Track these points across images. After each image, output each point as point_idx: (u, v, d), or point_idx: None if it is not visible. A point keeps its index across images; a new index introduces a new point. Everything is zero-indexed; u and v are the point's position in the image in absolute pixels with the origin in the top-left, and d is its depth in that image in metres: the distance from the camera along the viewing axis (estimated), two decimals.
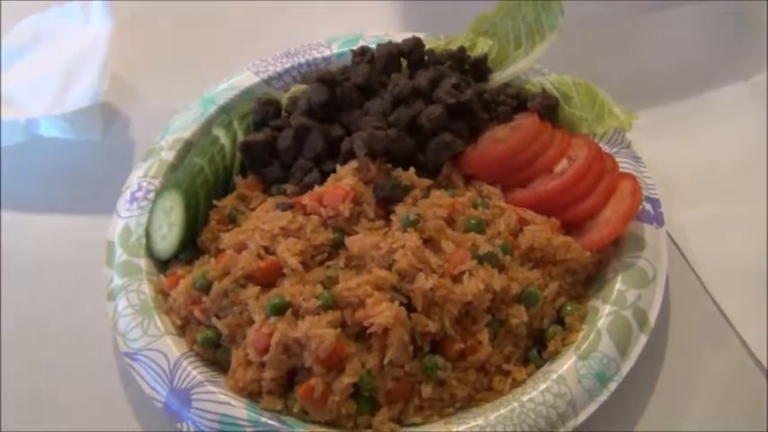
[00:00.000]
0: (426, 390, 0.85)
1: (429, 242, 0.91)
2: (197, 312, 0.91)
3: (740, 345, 0.95)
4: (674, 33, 1.32)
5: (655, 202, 1.00)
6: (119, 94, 1.28)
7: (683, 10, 1.34)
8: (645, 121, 1.06)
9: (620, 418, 0.89)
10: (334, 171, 0.99)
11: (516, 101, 1.09)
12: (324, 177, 1.00)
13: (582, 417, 0.83)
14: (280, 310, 0.85)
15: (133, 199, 1.04)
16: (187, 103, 1.16)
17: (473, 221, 0.93)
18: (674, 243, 1.04)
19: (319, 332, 0.83)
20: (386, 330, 0.83)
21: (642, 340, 0.89)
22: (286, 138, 1.04)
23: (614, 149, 1.05)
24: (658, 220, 0.98)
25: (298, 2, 1.44)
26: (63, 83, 1.17)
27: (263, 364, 0.86)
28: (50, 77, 1.20)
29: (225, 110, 1.14)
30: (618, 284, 0.92)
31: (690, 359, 0.95)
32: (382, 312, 0.83)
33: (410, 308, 0.86)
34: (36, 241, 1.12)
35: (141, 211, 1.03)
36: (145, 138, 1.20)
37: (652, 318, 0.90)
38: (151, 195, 1.04)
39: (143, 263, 0.98)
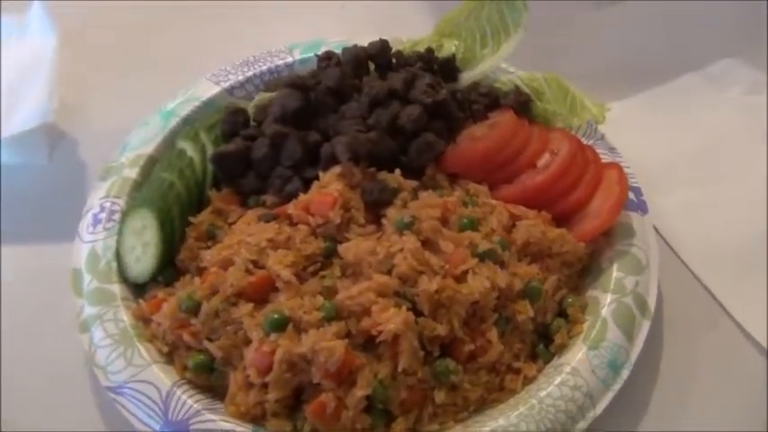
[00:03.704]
0: (440, 395, 0.82)
1: (426, 244, 0.88)
2: (186, 336, 0.84)
3: (733, 324, 0.97)
4: (628, 28, 1.36)
5: (636, 191, 1.01)
6: (62, 114, 1.18)
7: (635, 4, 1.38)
8: (610, 113, 1.08)
9: (629, 406, 0.89)
10: (315, 178, 0.95)
11: (488, 99, 1.08)
12: (305, 185, 0.96)
13: (600, 407, 0.82)
14: (280, 325, 0.80)
15: (96, 221, 0.97)
16: (136, 121, 1.09)
17: (466, 220, 0.91)
18: (657, 230, 1.05)
19: (327, 345, 0.78)
20: (396, 337, 0.80)
21: (645, 325, 0.89)
22: (261, 146, 0.99)
23: (590, 142, 1.06)
24: (642, 207, 0.99)
25: (236, 9, 1.39)
26: (7, 103, 1.08)
27: (265, 385, 0.80)
28: None
29: (187, 122, 1.07)
30: (615, 273, 0.92)
31: (687, 340, 0.96)
32: (391, 319, 0.80)
33: (415, 312, 0.82)
34: None
35: (107, 233, 0.95)
36: (94, 159, 1.12)
37: (651, 303, 0.91)
38: (116, 216, 0.97)
39: (116, 288, 0.91)
